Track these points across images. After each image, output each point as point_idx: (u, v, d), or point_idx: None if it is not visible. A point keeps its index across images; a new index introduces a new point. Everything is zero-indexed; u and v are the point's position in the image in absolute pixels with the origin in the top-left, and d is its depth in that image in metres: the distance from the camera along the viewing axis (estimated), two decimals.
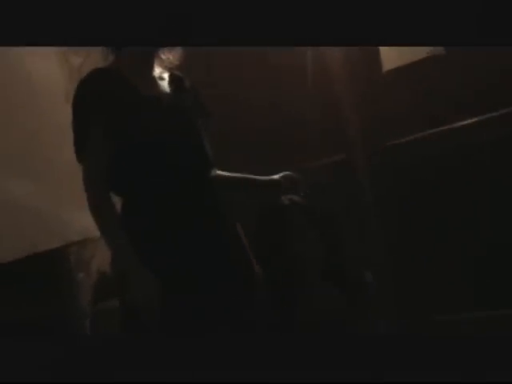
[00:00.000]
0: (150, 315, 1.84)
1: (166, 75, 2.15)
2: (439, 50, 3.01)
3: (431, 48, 3.01)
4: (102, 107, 1.96)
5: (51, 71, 3.72)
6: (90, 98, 1.98)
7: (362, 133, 3.24)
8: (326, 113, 3.31)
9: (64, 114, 2.22)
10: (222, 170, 2.26)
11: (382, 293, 2.33)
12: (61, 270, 3.63)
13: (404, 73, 3.12)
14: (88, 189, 1.96)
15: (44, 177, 3.39)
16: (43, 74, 3.68)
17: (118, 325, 2.00)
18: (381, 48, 3.18)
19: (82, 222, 2.66)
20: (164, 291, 1.86)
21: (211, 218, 2.02)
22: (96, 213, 1.94)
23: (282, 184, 2.32)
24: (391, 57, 3.15)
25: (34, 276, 3.34)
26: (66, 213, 3.34)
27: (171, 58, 2.13)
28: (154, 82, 2.10)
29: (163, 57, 2.12)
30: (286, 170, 3.00)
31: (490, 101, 2.88)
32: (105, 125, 1.96)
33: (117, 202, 2.03)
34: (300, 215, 2.23)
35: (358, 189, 3.26)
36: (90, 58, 3.66)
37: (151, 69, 2.11)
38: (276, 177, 2.35)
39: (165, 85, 2.13)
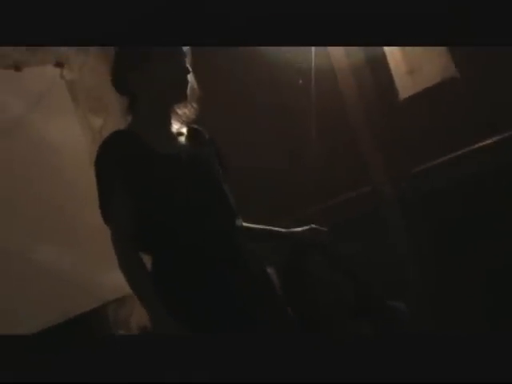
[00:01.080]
0: None
1: (184, 130, 2.18)
2: (453, 72, 3.01)
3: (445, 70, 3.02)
4: (124, 169, 1.99)
5: (74, 134, 3.79)
6: (112, 160, 2.01)
7: (384, 163, 3.23)
8: (347, 147, 3.32)
9: (90, 176, 2.26)
10: (245, 218, 2.26)
11: (418, 321, 2.29)
12: (101, 330, 3.64)
13: (420, 99, 3.11)
14: (117, 249, 1.98)
15: (73, 240, 3.44)
16: (66, 137, 3.75)
17: None
18: (395, 76, 3.19)
19: (117, 280, 2.68)
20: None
21: (240, 266, 2.03)
22: (126, 272, 1.96)
23: (306, 237, 2.30)
24: (406, 84, 3.16)
25: (74, 338, 3.35)
26: (100, 273, 3.37)
27: (187, 112, 2.15)
28: (172, 137, 2.13)
29: (180, 112, 2.14)
30: (309, 210, 3.02)
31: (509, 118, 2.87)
32: (128, 186, 1.98)
33: (147, 260, 2.05)
34: (324, 257, 2.23)
35: (387, 219, 3.24)
36: (110, 119, 3.77)
37: (169, 125, 2.13)
38: (299, 229, 2.33)
39: (184, 140, 2.15)
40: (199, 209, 2.02)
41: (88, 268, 3.42)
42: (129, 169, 1.99)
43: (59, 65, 3.71)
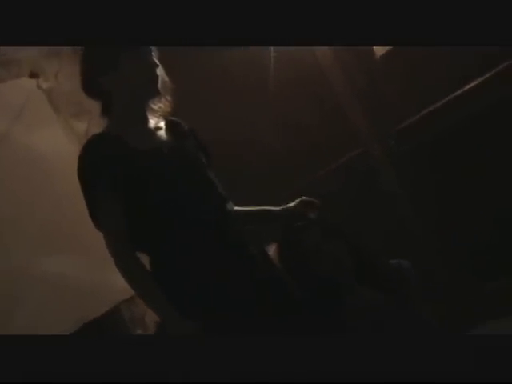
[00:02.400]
0: None
1: (162, 123, 2.17)
2: None
3: None
4: (108, 172, 1.98)
5: (60, 142, 3.78)
6: (94, 165, 2.00)
7: (369, 123, 3.22)
8: (330, 115, 3.30)
9: None
10: (238, 200, 2.26)
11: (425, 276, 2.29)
12: (118, 331, 3.66)
13: (396, 55, 3.09)
14: (112, 254, 1.98)
15: (74, 247, 3.44)
16: (53, 146, 3.74)
17: None
18: None
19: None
20: (203, 334, 1.88)
21: (239, 250, 2.03)
22: (125, 275, 1.96)
23: (297, 211, 2.31)
24: None
25: (93, 343, 3.37)
26: (107, 275, 3.36)
27: (162, 106, 2.14)
28: (152, 133, 2.12)
29: (155, 107, 2.13)
30: (302, 182, 3.01)
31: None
32: (114, 188, 1.98)
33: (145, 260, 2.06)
34: (318, 226, 2.23)
35: (380, 179, 3.23)
36: (94, 121, 3.75)
37: (146, 121, 2.12)
38: (291, 204, 2.33)
39: (163, 133, 2.14)
40: (188, 200, 2.02)
41: (94, 272, 3.43)
42: (113, 171, 1.98)
43: (34, 75, 3.69)
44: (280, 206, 2.35)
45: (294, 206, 2.32)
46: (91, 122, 3.79)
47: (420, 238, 3.13)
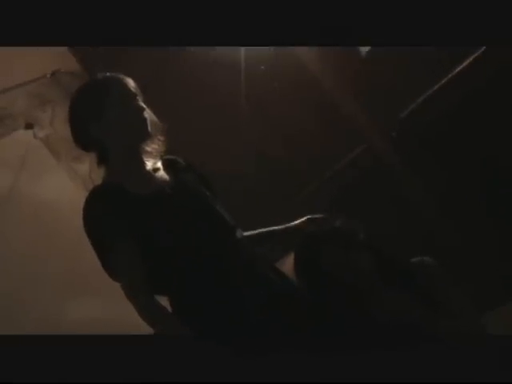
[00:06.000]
0: None
1: (159, 164, 2.16)
2: None
3: None
4: (114, 223, 1.97)
5: (65, 186, 3.80)
6: (99, 218, 1.99)
7: (369, 119, 3.19)
8: (325, 115, 3.27)
9: None
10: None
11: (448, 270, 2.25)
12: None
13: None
14: (133, 303, 1.96)
15: (96, 290, 3.43)
16: (59, 192, 3.76)
17: None
18: None
19: None
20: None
21: (254, 278, 2.01)
22: (147, 321, 1.95)
23: (305, 228, 2.28)
24: None
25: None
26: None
27: (156, 146, 2.13)
28: (151, 176, 2.10)
29: (149, 149, 2.12)
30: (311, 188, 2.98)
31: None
32: (121, 239, 1.96)
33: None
34: (335, 241, 2.19)
35: (390, 172, 3.20)
36: (95, 162, 3.77)
37: (144, 164, 2.11)
38: (297, 222, 2.30)
39: (162, 174, 2.13)
40: (199, 236, 2.00)
41: (121, 310, 3.42)
42: (117, 222, 1.97)
43: (29, 126, 3.71)
44: (285, 218, 2.33)
45: (301, 224, 2.30)
46: (92, 161, 3.80)
47: (438, 229, 3.08)
